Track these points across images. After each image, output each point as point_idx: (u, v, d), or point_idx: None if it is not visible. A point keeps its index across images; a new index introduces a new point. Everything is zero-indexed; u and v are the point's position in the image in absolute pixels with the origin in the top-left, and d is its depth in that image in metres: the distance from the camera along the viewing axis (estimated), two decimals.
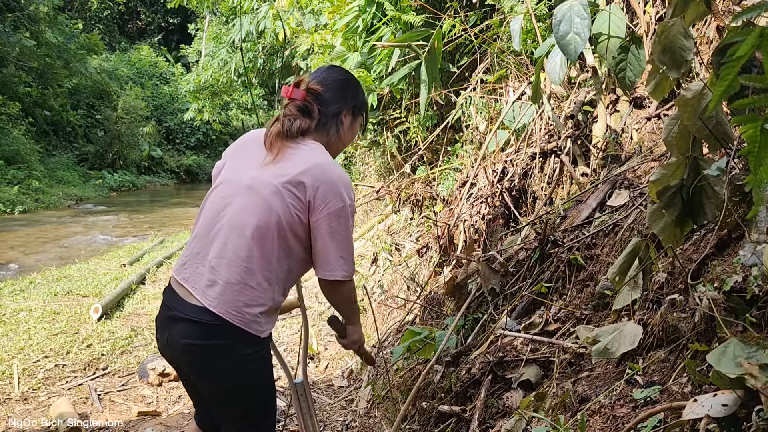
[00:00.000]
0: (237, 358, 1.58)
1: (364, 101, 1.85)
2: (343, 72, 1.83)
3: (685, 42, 1.40)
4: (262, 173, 1.60)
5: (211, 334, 1.56)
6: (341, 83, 1.77)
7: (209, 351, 1.57)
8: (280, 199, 1.56)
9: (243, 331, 1.56)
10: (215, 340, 1.56)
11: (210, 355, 1.58)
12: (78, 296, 5.80)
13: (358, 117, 1.82)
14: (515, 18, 2.63)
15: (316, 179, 1.58)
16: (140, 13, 32.47)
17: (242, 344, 1.58)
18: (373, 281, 5.06)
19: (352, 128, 1.81)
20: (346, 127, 1.78)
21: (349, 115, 1.78)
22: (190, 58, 24.06)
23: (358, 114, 1.82)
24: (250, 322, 1.57)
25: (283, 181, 1.57)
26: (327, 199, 1.58)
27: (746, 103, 0.89)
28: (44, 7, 19.48)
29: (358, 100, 1.81)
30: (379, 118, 6.07)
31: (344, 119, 1.77)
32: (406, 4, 4.79)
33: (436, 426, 2.36)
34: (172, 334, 1.60)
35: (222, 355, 1.58)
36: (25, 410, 3.38)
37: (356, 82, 1.83)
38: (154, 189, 22.79)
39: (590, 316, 2.16)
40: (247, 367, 1.61)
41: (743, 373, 1.15)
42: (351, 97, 1.78)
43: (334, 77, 1.77)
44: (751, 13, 0.88)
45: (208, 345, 1.57)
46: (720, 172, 1.49)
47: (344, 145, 1.83)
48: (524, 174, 3.65)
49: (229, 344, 1.57)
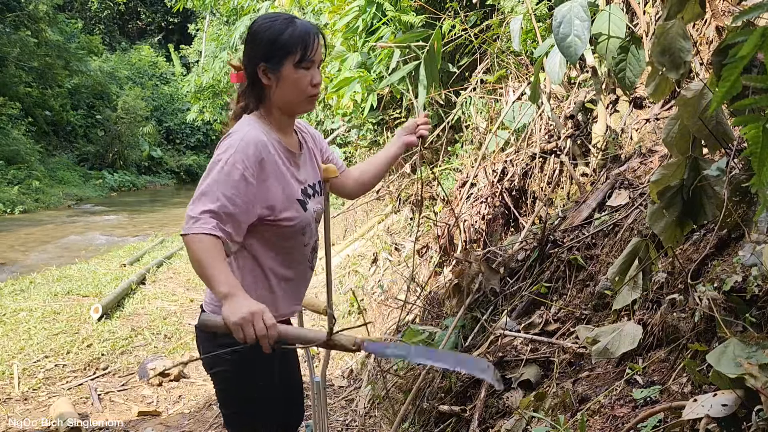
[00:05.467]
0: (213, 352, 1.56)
1: (276, 42, 1.49)
2: (249, 29, 1.56)
3: (684, 43, 1.41)
4: None
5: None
6: (244, 45, 1.55)
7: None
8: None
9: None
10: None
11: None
12: (78, 296, 5.80)
13: (278, 63, 1.50)
14: (515, 18, 2.63)
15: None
16: (140, 13, 32.48)
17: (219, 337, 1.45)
18: (373, 281, 5.06)
19: (282, 77, 1.51)
20: (272, 82, 1.52)
21: (266, 70, 1.51)
22: (190, 59, 24.07)
23: (270, 60, 1.50)
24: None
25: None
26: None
27: (747, 104, 0.89)
28: (44, 6, 19.49)
29: (261, 51, 1.50)
30: (379, 118, 6.07)
31: (263, 78, 1.52)
32: (406, 5, 4.79)
33: (436, 426, 2.36)
34: None
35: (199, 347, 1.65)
36: (25, 410, 3.38)
37: (259, 31, 1.52)
38: (154, 189, 22.80)
39: (590, 316, 2.16)
40: (218, 365, 1.58)
41: (743, 373, 1.16)
42: (255, 52, 1.52)
43: (245, 42, 1.56)
44: (752, 14, 0.88)
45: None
46: (720, 172, 1.49)
47: (290, 96, 1.54)
48: (524, 174, 3.66)
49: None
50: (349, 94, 5.20)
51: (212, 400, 3.57)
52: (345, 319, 4.84)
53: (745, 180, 1.47)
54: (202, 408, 3.49)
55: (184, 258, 8.09)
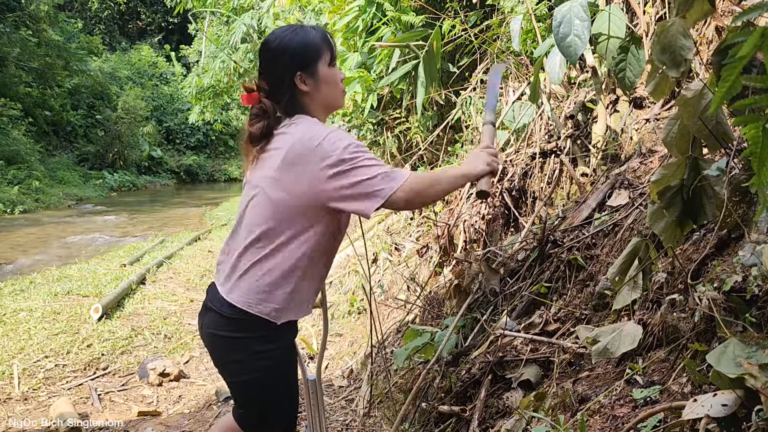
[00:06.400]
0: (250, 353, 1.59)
1: (306, 50, 1.58)
2: (267, 47, 1.61)
3: (685, 41, 1.40)
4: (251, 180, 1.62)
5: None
6: (270, 62, 1.60)
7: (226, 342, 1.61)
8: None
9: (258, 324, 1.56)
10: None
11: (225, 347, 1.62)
12: (78, 296, 5.79)
13: (314, 67, 1.58)
14: (515, 18, 2.63)
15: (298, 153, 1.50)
16: (140, 13, 32.49)
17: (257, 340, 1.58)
18: (373, 281, 5.06)
19: (320, 79, 1.59)
20: (312, 86, 1.59)
21: (304, 76, 1.58)
22: (190, 59, 24.07)
23: (307, 67, 1.58)
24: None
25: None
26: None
27: (747, 104, 0.89)
28: (44, 6, 19.50)
29: (296, 60, 1.57)
30: (379, 118, 6.07)
31: (301, 86, 1.58)
32: (406, 5, 4.79)
33: (436, 426, 2.36)
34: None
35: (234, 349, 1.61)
36: (25, 410, 3.38)
37: (285, 43, 1.57)
38: (154, 189, 22.81)
39: (590, 316, 2.16)
40: (250, 373, 1.61)
41: (743, 373, 1.15)
42: (289, 64, 1.57)
43: (265, 56, 1.61)
44: (752, 14, 0.88)
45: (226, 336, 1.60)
46: (720, 172, 1.49)
47: (332, 95, 1.63)
48: (524, 174, 3.66)
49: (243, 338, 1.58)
50: (349, 94, 5.21)
51: (212, 400, 3.57)
52: (345, 319, 4.84)
53: (745, 180, 1.47)
54: (202, 408, 3.49)
55: (184, 258, 8.09)
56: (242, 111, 25.26)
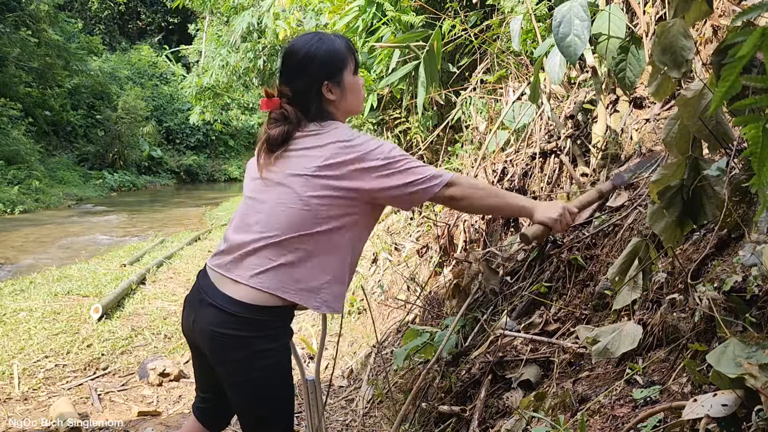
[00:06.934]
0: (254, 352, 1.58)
1: (333, 59, 1.62)
2: (293, 56, 1.63)
3: (686, 42, 1.40)
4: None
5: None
6: (297, 71, 1.62)
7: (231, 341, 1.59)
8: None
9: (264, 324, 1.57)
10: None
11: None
12: (78, 296, 5.79)
13: (340, 76, 1.63)
14: (515, 18, 2.63)
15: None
16: (140, 13, 32.49)
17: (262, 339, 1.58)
18: (373, 281, 5.06)
19: (346, 88, 1.64)
20: (338, 95, 1.63)
21: (331, 85, 1.62)
22: (190, 58, 24.06)
23: (334, 77, 1.62)
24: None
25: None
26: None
27: (747, 104, 0.89)
28: (44, 6, 19.50)
29: (324, 69, 1.61)
30: (379, 118, 6.07)
31: (328, 95, 1.62)
32: (406, 5, 4.79)
33: (436, 426, 2.36)
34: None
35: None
36: (25, 410, 3.38)
37: (312, 53, 1.60)
38: (154, 189, 22.80)
39: (590, 316, 2.16)
40: (254, 371, 1.60)
41: (743, 373, 1.16)
42: (317, 73, 1.60)
43: (291, 64, 1.63)
44: (752, 14, 0.88)
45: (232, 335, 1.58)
46: (720, 172, 1.49)
47: (355, 102, 1.69)
48: (524, 174, 3.65)
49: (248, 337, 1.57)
50: None
51: None
52: (345, 319, 4.84)
53: (745, 180, 1.47)
54: None
55: (184, 258, 8.09)
56: (242, 111, 25.27)
